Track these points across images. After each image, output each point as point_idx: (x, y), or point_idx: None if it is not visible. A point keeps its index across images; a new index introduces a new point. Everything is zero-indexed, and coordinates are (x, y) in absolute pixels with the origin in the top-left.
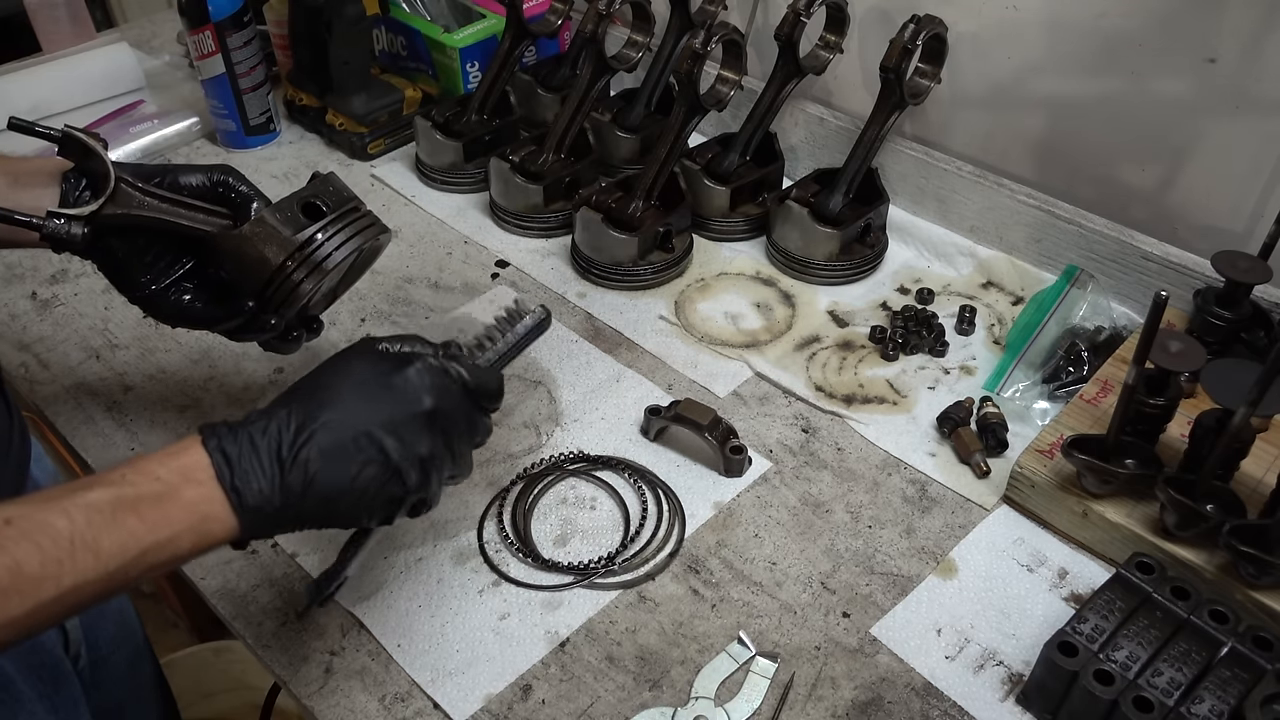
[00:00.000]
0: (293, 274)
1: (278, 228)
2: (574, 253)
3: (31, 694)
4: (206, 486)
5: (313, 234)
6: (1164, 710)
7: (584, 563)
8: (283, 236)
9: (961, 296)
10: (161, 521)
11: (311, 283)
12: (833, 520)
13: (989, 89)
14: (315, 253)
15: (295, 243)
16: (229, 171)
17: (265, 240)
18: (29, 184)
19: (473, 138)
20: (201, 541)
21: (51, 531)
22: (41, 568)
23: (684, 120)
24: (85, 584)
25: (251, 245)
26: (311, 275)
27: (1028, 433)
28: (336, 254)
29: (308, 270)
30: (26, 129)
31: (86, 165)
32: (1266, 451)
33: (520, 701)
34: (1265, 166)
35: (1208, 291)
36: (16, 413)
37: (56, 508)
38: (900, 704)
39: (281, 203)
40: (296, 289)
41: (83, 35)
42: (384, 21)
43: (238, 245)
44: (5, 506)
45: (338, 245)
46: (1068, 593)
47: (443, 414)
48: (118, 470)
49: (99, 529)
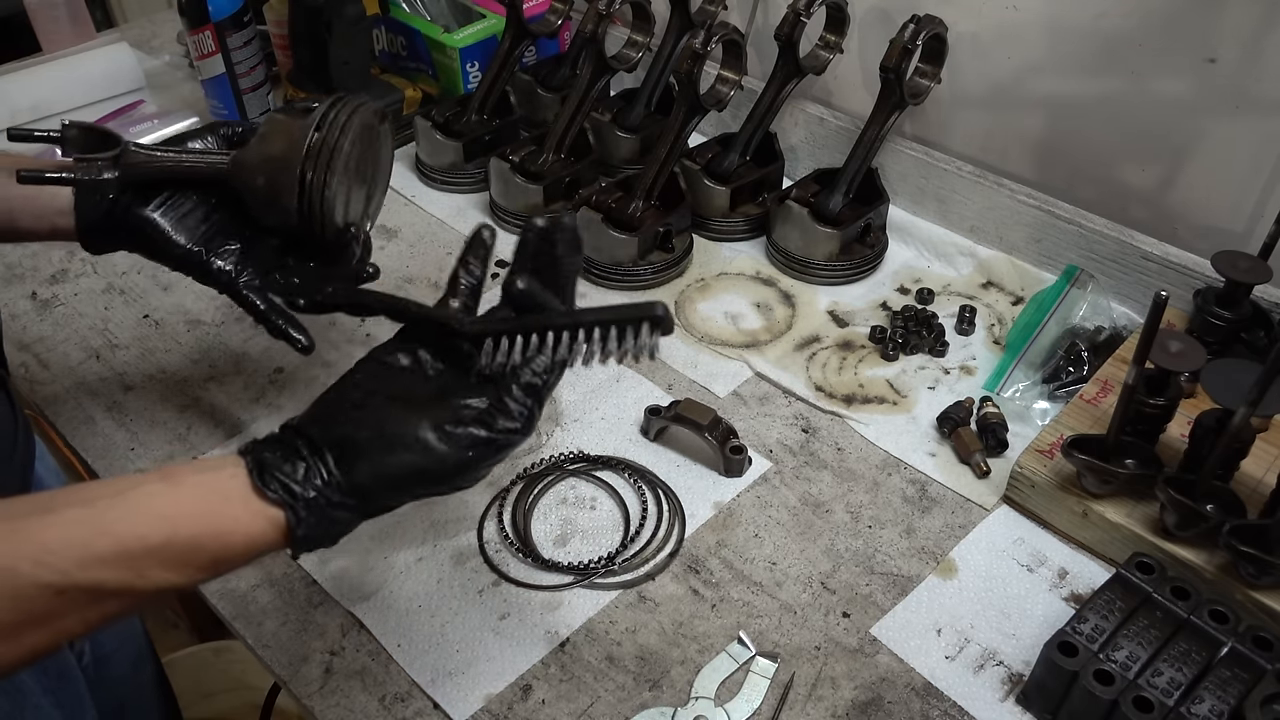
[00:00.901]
0: (317, 164)
1: (289, 119)
2: None
3: (37, 689)
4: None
5: (320, 115)
6: (1164, 710)
7: (584, 563)
8: (297, 123)
9: (961, 296)
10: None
11: (339, 160)
12: (833, 520)
13: (989, 89)
14: (330, 126)
15: (310, 122)
16: (225, 123)
17: (282, 132)
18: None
19: (473, 138)
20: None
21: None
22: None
23: (684, 120)
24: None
25: (271, 143)
26: (336, 151)
27: (1028, 433)
28: (351, 119)
29: (330, 148)
30: (25, 137)
31: (92, 149)
32: (1266, 451)
33: (520, 701)
34: (1265, 166)
35: (1208, 291)
36: (20, 412)
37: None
38: (900, 704)
39: (281, 108)
40: (330, 165)
41: (83, 35)
42: (384, 21)
43: (260, 150)
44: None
45: (346, 116)
46: (1068, 593)
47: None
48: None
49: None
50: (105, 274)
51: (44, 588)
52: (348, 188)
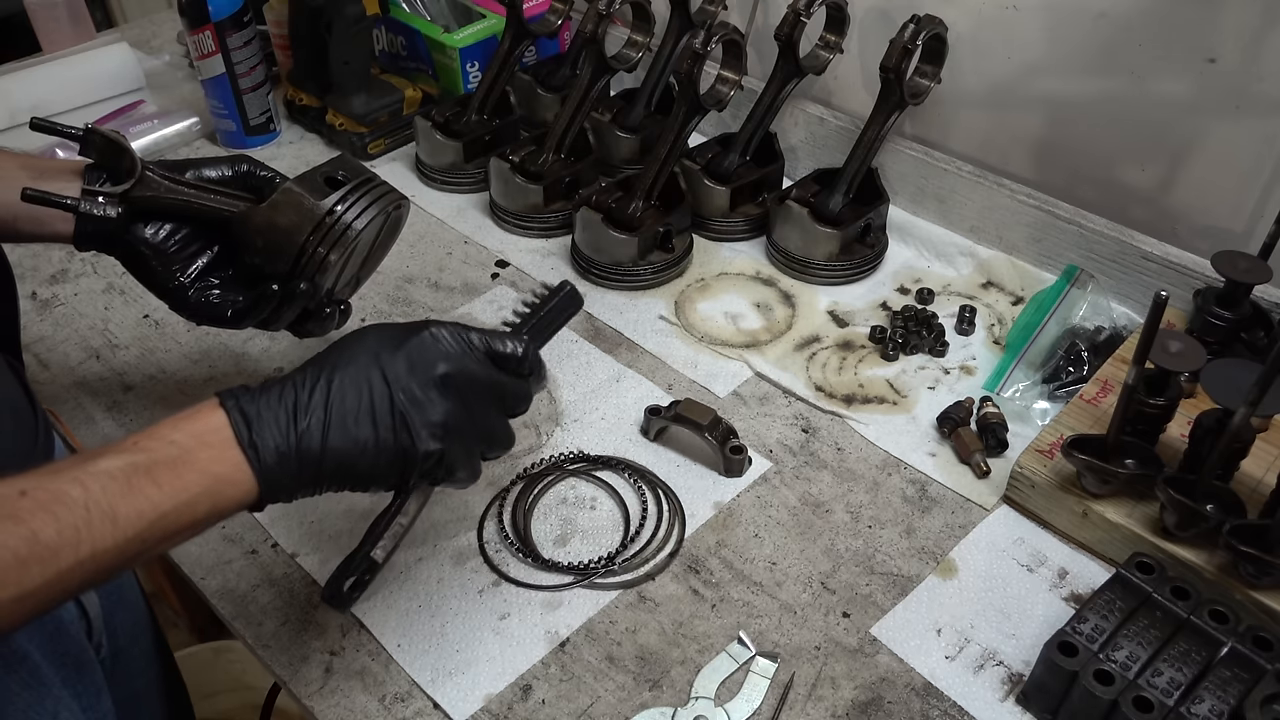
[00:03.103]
0: (323, 240)
1: (305, 195)
2: (574, 253)
3: (56, 679)
4: (223, 448)
5: (337, 201)
6: (1164, 710)
7: (584, 563)
8: (310, 203)
9: (961, 296)
10: (178, 486)
11: (341, 249)
12: (833, 520)
13: (989, 89)
14: (342, 218)
15: (323, 209)
16: (248, 160)
17: (294, 208)
18: (52, 178)
19: (473, 138)
20: (219, 504)
21: (67, 500)
22: (59, 536)
23: (684, 120)
24: (103, 552)
25: (282, 214)
26: (340, 241)
27: (1028, 433)
28: (361, 219)
29: (337, 236)
30: (49, 128)
31: (109, 161)
32: (1266, 451)
33: (520, 701)
34: (1265, 166)
35: (1208, 291)
36: (39, 408)
37: (69, 477)
38: (900, 704)
39: (304, 175)
40: (327, 257)
41: (83, 35)
42: (384, 21)
43: (269, 217)
44: (19, 479)
45: (361, 211)
46: (1068, 593)
47: (460, 378)
48: (131, 438)
49: (115, 496)
50: (105, 274)
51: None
52: (340, 270)
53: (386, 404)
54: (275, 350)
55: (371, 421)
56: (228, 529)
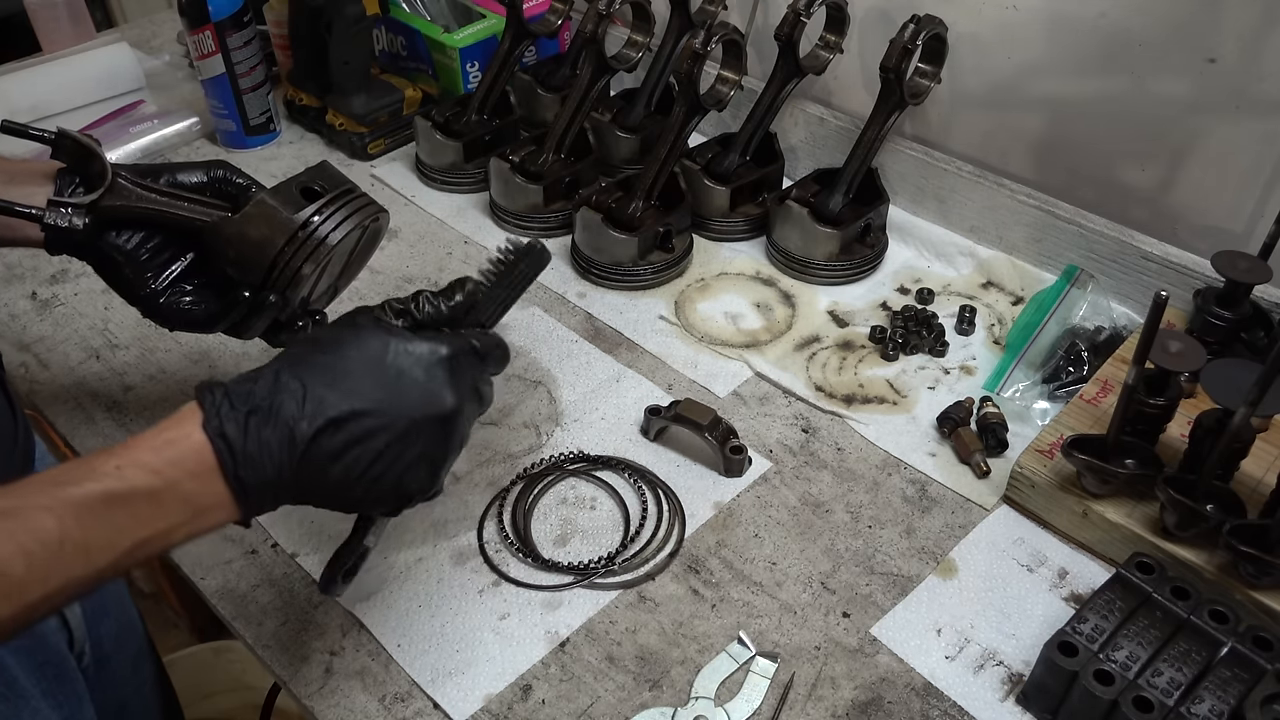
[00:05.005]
0: (295, 254)
1: (278, 208)
2: (574, 253)
3: (35, 691)
4: (206, 479)
5: (312, 214)
6: (1164, 710)
7: (584, 563)
8: (283, 216)
9: (961, 296)
10: (157, 515)
11: (314, 263)
12: (833, 520)
13: (989, 89)
14: (316, 232)
15: (296, 222)
16: (225, 166)
17: (267, 221)
18: (23, 182)
19: (473, 138)
20: (198, 529)
21: (40, 534)
22: (28, 571)
23: (684, 120)
24: (73, 581)
25: (254, 226)
26: (314, 255)
27: (1028, 433)
28: (336, 232)
29: (310, 250)
30: (19, 132)
31: (80, 165)
32: (1266, 451)
33: (520, 701)
34: (1265, 166)
35: (1208, 291)
36: (19, 410)
37: (43, 505)
38: (900, 704)
39: (279, 186)
40: (299, 270)
41: (83, 35)
42: (384, 21)
43: (240, 229)
44: None
45: (336, 224)
46: (1068, 593)
47: (462, 414)
48: (110, 459)
49: (90, 528)
50: None
51: None
52: (315, 282)
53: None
54: (275, 351)
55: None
56: (228, 529)
